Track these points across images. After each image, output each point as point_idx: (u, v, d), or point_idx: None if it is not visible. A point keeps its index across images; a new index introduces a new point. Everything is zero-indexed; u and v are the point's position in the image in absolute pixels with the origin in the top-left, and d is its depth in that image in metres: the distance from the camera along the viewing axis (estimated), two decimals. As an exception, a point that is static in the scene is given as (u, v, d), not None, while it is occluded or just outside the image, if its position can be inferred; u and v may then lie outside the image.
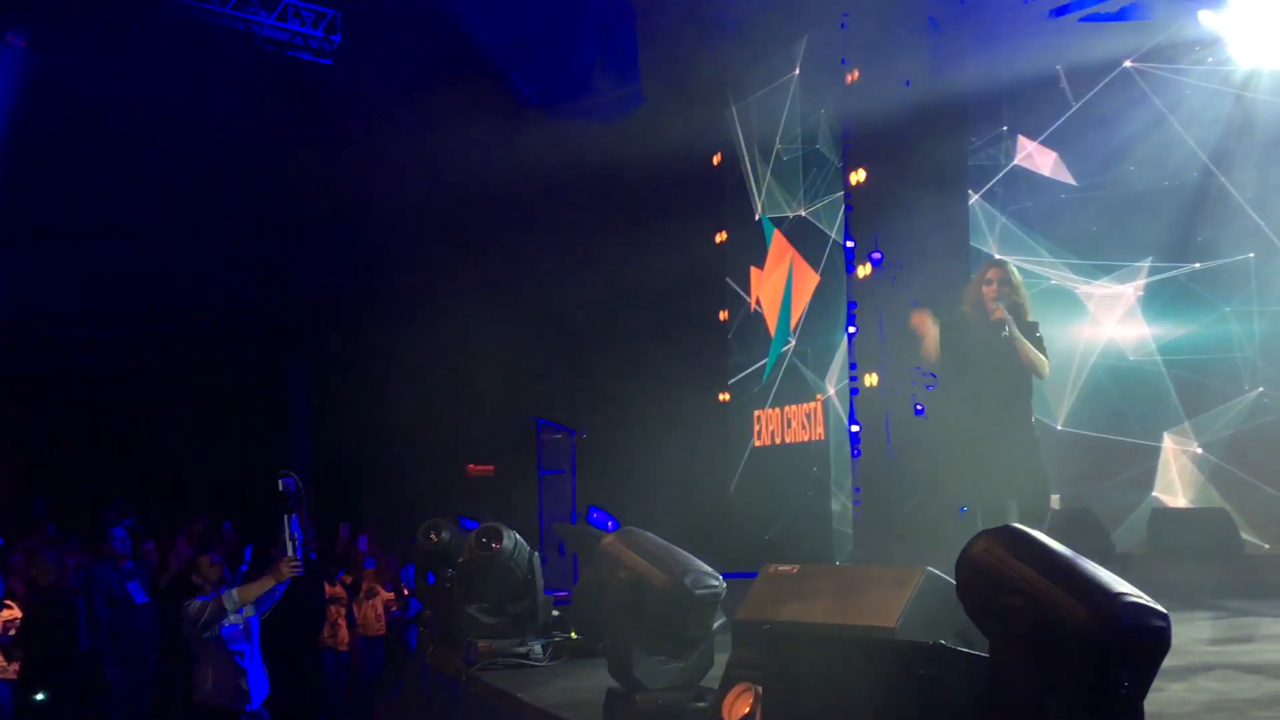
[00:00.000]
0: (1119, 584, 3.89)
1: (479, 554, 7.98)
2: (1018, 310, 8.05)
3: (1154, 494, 12.64)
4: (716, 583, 5.47)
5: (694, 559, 5.53)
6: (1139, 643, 3.73)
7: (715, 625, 5.71)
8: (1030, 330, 8.06)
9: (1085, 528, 11.30)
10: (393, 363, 16.13)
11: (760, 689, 5.00)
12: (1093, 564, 3.99)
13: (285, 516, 8.96)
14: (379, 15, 15.73)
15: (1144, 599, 3.85)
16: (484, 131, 14.14)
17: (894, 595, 5.19)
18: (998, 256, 8.63)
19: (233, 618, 9.34)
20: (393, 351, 16.05)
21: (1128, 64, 12.47)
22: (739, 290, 14.37)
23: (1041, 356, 8.00)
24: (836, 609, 5.27)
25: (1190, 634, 7.85)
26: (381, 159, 15.24)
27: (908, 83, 11.66)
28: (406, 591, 13.50)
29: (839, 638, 4.98)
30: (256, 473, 10.50)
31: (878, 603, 5.19)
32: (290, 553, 9.08)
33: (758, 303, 14.14)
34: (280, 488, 8.87)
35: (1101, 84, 12.49)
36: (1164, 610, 3.83)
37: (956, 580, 4.05)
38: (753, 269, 14.21)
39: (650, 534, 5.72)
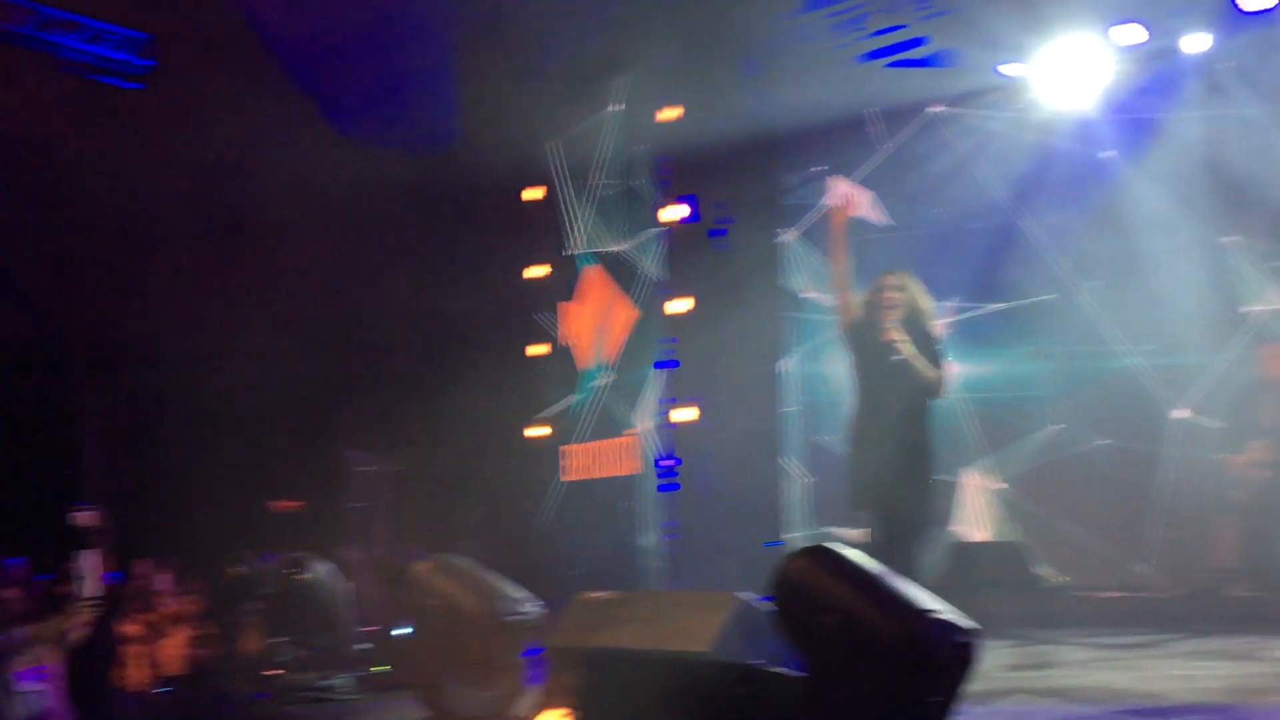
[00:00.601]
0: (928, 600, 3.99)
1: (286, 584, 7.83)
2: (917, 320, 7.48)
3: (953, 527, 12.94)
4: (530, 609, 5.44)
5: (507, 585, 5.49)
6: (948, 656, 3.82)
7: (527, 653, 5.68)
8: (929, 343, 7.46)
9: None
10: (194, 395, 15.73)
11: (576, 714, 4.98)
12: (903, 581, 4.08)
13: (79, 552, 8.59)
14: (193, 41, 15.40)
15: (952, 615, 3.94)
16: (293, 159, 13.90)
17: (707, 619, 5.22)
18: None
19: (23, 659, 8.96)
20: (194, 383, 15.65)
21: (936, 108, 12.82)
22: (553, 325, 14.37)
23: (936, 374, 7.38)
24: (650, 634, 5.28)
25: (990, 661, 8.02)
26: (186, 187, 14.90)
27: (725, 121, 11.81)
28: (211, 629, 13.14)
29: (654, 661, 4.99)
30: (49, 507, 10.13)
31: (692, 627, 5.21)
32: (83, 591, 8.69)
33: (571, 337, 14.15)
34: (74, 522, 8.53)
35: (911, 127, 12.82)
36: (970, 626, 3.92)
37: (773, 600, 4.10)
38: (567, 304, 14.22)
39: (463, 560, 5.66)
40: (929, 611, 3.84)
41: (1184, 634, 9.40)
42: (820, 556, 4.02)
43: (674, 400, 12.02)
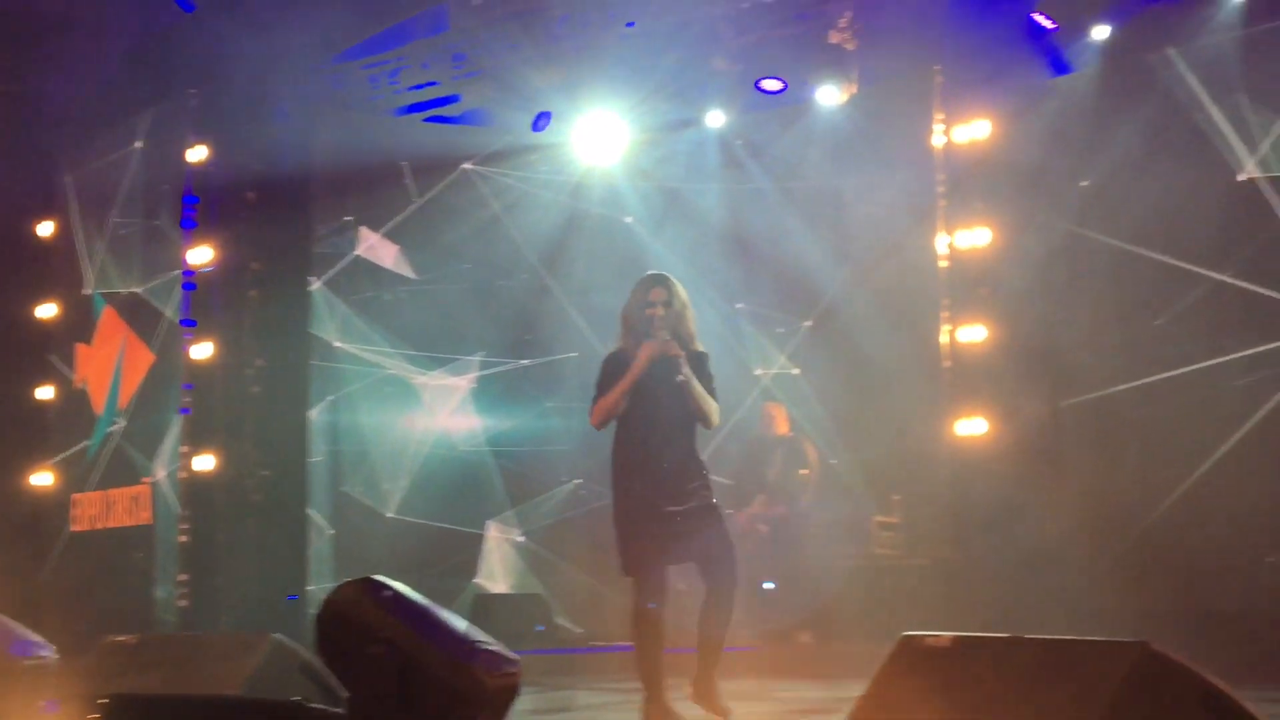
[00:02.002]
0: (476, 633, 4.04)
1: None
2: (684, 339, 6.69)
3: (477, 579, 13.09)
4: (47, 652, 5.14)
5: (16, 624, 5.18)
6: (494, 687, 3.87)
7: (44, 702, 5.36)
8: (700, 364, 6.73)
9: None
10: None
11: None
12: (451, 614, 4.11)
13: None
14: None
15: (498, 646, 4.00)
16: None
17: (239, 662, 5.11)
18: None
19: None
20: None
21: (468, 165, 13.05)
22: (64, 367, 13.65)
23: (713, 404, 6.62)
24: (179, 678, 5.11)
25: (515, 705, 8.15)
26: None
27: (256, 164, 11.59)
28: None
29: (182, 705, 4.81)
30: None
31: (222, 670, 5.08)
32: None
33: (84, 381, 13.48)
34: None
35: (443, 182, 13.00)
36: (516, 657, 3.99)
37: (317, 632, 4.04)
38: (80, 346, 13.55)
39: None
40: (478, 642, 3.87)
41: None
42: (368, 588, 3.98)
43: (193, 448, 11.62)
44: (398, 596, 3.96)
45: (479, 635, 3.96)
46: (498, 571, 13.24)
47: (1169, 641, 3.90)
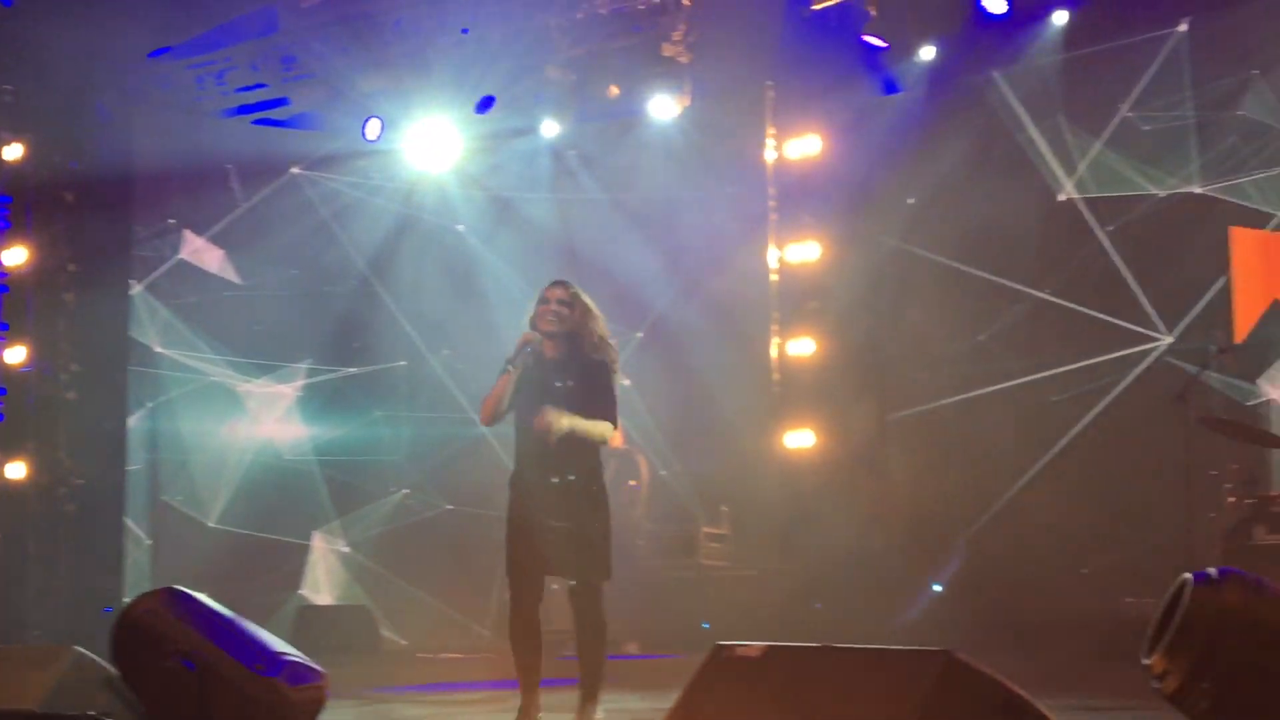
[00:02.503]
0: (279, 644, 3.93)
1: None
2: (576, 341, 6.37)
3: (301, 591, 12.88)
4: None
5: None
6: (298, 699, 3.77)
7: None
8: (593, 374, 6.35)
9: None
10: None
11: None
12: (253, 625, 4.00)
13: None
14: None
15: (302, 658, 3.90)
16: None
17: (37, 676, 4.92)
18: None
19: None
20: None
21: (297, 169, 12.83)
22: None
23: (604, 413, 6.26)
24: (-29, 693, 4.89)
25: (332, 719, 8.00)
26: None
27: (74, 164, 11.26)
28: None
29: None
30: None
31: (20, 683, 4.89)
32: None
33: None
34: None
35: (271, 186, 12.76)
36: (320, 669, 3.90)
37: (113, 645, 3.91)
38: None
39: None
40: (280, 654, 3.77)
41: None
42: (167, 599, 3.86)
43: (4, 455, 11.22)
44: (199, 608, 3.84)
45: (283, 647, 3.86)
46: (323, 583, 13.03)
47: (987, 650, 3.96)
